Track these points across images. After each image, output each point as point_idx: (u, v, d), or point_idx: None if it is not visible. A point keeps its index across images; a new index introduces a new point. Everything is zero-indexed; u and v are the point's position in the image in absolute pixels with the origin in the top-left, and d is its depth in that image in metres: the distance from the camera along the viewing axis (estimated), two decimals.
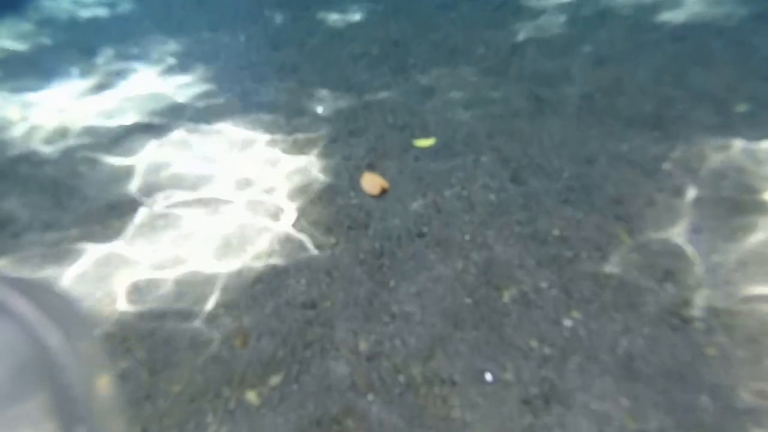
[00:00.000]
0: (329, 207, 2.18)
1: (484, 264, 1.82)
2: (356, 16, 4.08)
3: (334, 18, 4.09)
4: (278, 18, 4.18)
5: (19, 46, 3.95)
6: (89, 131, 2.86)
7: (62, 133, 2.86)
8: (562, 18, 3.58)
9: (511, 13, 3.80)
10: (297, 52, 3.59)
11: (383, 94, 3.00)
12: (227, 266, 1.94)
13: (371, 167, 2.41)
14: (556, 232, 1.92)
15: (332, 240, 2.00)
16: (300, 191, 2.29)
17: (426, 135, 2.61)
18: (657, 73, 2.81)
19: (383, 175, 2.35)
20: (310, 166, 2.46)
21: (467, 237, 1.94)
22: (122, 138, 2.77)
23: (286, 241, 2.02)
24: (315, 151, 2.55)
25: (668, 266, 1.75)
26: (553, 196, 2.09)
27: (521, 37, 3.43)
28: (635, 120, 2.48)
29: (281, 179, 2.37)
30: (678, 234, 1.86)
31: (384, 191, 2.24)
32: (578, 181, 2.14)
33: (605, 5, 3.67)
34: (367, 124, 2.73)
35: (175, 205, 2.29)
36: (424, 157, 2.45)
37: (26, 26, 4.29)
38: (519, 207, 2.06)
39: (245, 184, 2.37)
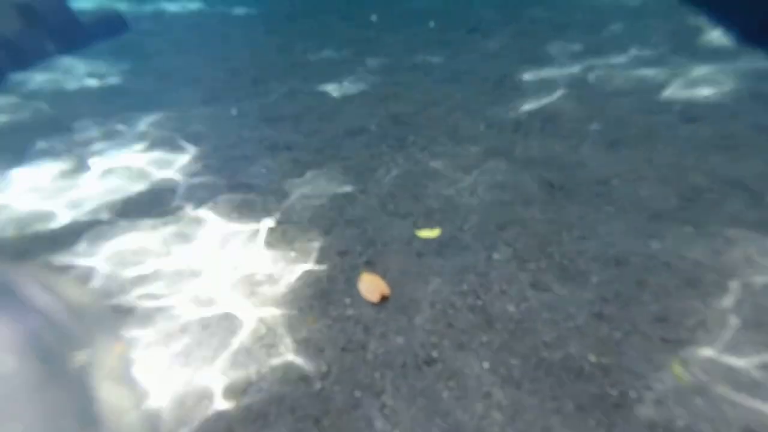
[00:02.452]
0: (321, 319, 1.78)
1: (510, 408, 1.41)
2: (354, 90, 3.84)
3: (331, 91, 3.85)
4: (274, 91, 3.93)
5: None
6: (51, 222, 2.49)
7: (20, 226, 2.48)
8: (564, 95, 3.34)
9: (511, 89, 3.57)
10: (292, 128, 3.30)
11: (383, 176, 2.67)
12: (186, 417, 1.51)
13: (370, 266, 2.04)
14: (592, 358, 1.52)
15: (323, 367, 1.59)
16: (288, 298, 1.90)
17: (430, 224, 2.26)
18: (676, 157, 2.51)
19: (383, 275, 1.97)
20: (301, 263, 2.08)
21: (486, 366, 1.54)
22: (83, 232, 2.40)
23: (269, 370, 1.61)
24: (306, 245, 2.18)
25: (743, 421, 1.35)
26: (583, 308, 1.71)
27: (524, 114, 3.17)
28: (662, 212, 2.15)
29: (267, 282, 1.99)
30: (745, 368, 1.47)
31: (385, 298, 1.85)
32: (610, 289, 1.77)
33: (607, 81, 3.45)
34: (365, 212, 2.38)
35: (135, 321, 1.89)
36: (429, 251, 2.09)
37: (9, 99, 4.01)
38: (545, 323, 1.67)
39: (226, 288, 1.98)
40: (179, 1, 7.32)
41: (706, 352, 1.52)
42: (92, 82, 4.38)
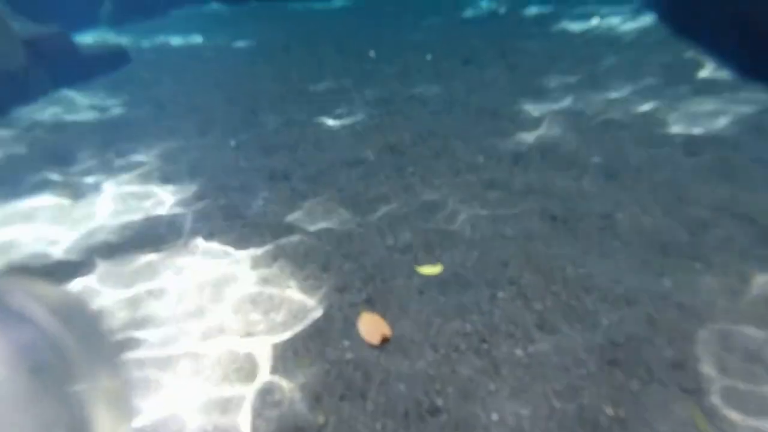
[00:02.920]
0: (318, 363, 1.67)
1: None
2: (351, 120, 3.80)
3: (329, 122, 3.81)
4: (271, 122, 3.89)
5: None
6: (37, 261, 2.39)
7: (9, 261, 2.38)
8: (562, 126, 3.30)
9: (508, 120, 3.54)
10: (289, 158, 3.24)
11: (381, 208, 2.59)
12: None
13: (369, 304, 1.94)
14: (609, 410, 1.41)
15: (320, 419, 1.47)
16: (284, 338, 1.78)
17: (431, 259, 2.17)
18: (680, 190, 2.45)
19: (384, 314, 1.87)
20: (296, 302, 1.97)
21: (495, 417, 1.42)
22: (77, 268, 2.29)
23: (263, 421, 1.48)
24: (303, 283, 2.08)
25: None
26: (594, 353, 1.61)
27: (522, 146, 3.12)
28: (669, 247, 2.07)
29: (260, 321, 1.87)
30: None
31: (386, 340, 1.75)
32: (621, 332, 1.67)
33: (605, 114, 3.42)
34: (364, 246, 2.29)
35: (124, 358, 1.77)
36: (430, 288, 1.99)
37: (9, 132, 3.94)
38: (555, 369, 1.56)
39: (217, 326, 1.86)
40: (180, 34, 7.39)
41: (734, 408, 1.42)
42: (92, 115, 4.34)
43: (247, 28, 7.53)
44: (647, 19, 5.69)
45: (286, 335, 1.79)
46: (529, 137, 3.24)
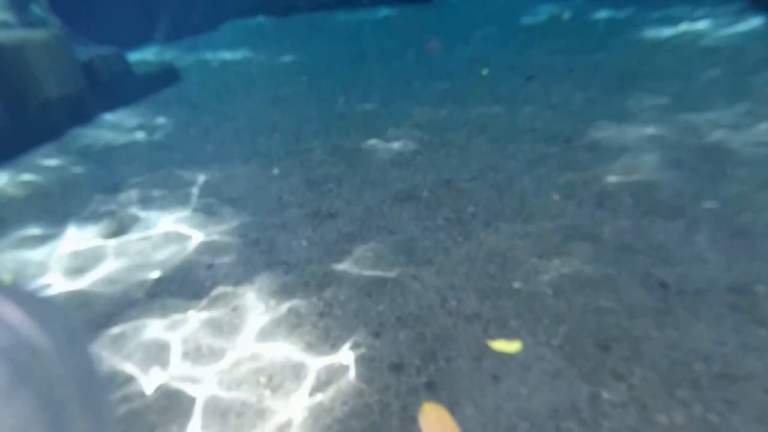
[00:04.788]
0: None
1: None
2: (400, 148, 3.43)
3: (376, 149, 3.46)
4: (316, 148, 3.58)
5: (44, 181, 3.44)
6: (84, 300, 2.13)
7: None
8: (657, 159, 2.79)
9: (585, 150, 3.06)
10: (335, 193, 2.90)
11: (438, 259, 2.19)
12: None
13: (431, 391, 1.53)
14: None
15: None
16: None
17: (506, 333, 1.74)
18: None
19: (451, 408, 1.46)
20: (346, 379, 1.59)
21: None
22: (113, 317, 2.01)
23: None
24: (353, 352, 1.70)
25: None
26: None
27: (608, 184, 2.64)
28: None
29: (305, 404, 1.50)
30: None
31: None
32: None
33: (713, 145, 2.87)
34: (422, 309, 1.89)
35: (154, 417, 1.44)
36: (507, 374, 1.56)
37: (59, 158, 3.82)
38: None
39: (253, 409, 1.51)
40: (227, 49, 7.31)
41: None
42: (140, 137, 4.19)
43: (293, 42, 7.35)
44: (755, 22, 4.96)
45: (333, 429, 1.41)
46: (614, 172, 2.74)
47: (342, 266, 2.21)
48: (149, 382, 1.66)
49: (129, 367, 1.73)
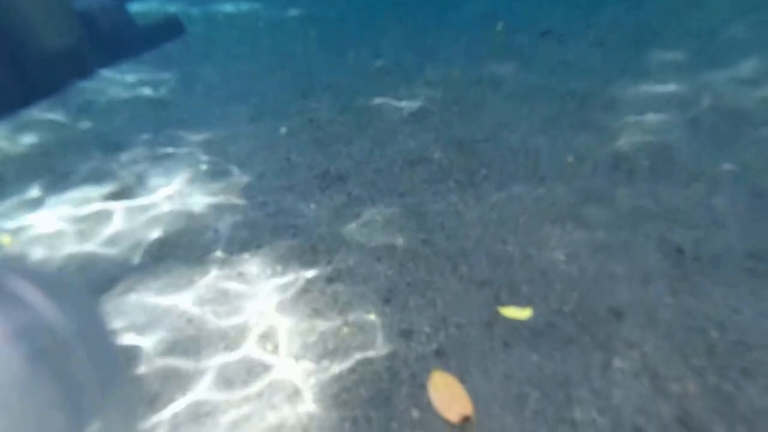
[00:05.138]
0: None
1: None
2: (412, 107, 3.31)
3: (386, 108, 3.34)
4: (325, 106, 3.47)
5: (43, 138, 3.37)
6: (86, 263, 2.13)
7: (56, 263, 2.14)
8: (675, 119, 2.67)
9: (602, 110, 2.93)
10: (344, 154, 2.82)
11: (450, 223, 2.14)
12: None
13: (441, 358, 1.52)
14: None
15: None
16: (339, 400, 1.41)
17: (517, 299, 1.71)
18: None
19: (460, 376, 1.46)
20: (355, 346, 1.59)
21: None
22: (115, 281, 2.01)
23: None
24: (362, 318, 1.69)
25: None
26: None
27: (624, 145, 2.53)
28: None
29: (312, 370, 1.51)
30: None
31: (466, 419, 1.34)
32: None
33: (734, 105, 2.73)
34: (432, 274, 1.87)
35: (153, 395, 1.46)
36: (518, 341, 1.55)
37: (58, 115, 3.74)
38: None
39: (259, 379, 1.52)
40: (233, 1, 7.01)
41: None
42: (144, 93, 4.08)
43: None
44: None
45: (342, 397, 1.42)
46: (631, 134, 2.63)
47: (352, 231, 2.17)
48: (152, 347, 1.67)
49: (131, 333, 1.74)
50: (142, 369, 1.58)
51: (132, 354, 1.64)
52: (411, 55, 4.29)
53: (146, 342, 1.68)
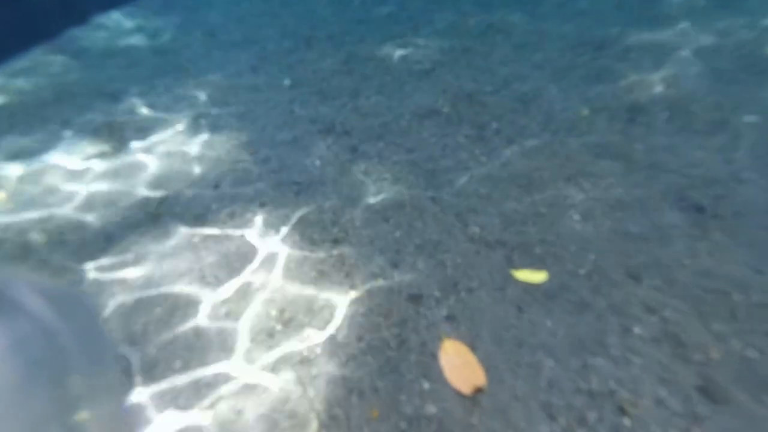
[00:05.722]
0: (389, 416, 1.20)
1: None
2: (419, 56, 3.03)
3: (393, 57, 3.06)
4: (329, 55, 3.18)
5: (37, 87, 3.12)
6: (82, 224, 1.98)
7: (46, 230, 1.99)
8: (694, 67, 2.40)
9: (618, 59, 2.65)
10: (350, 106, 2.59)
11: (460, 180, 1.96)
12: None
13: (452, 323, 1.41)
14: None
15: None
16: (346, 371, 1.31)
17: (530, 261, 1.57)
18: None
19: (472, 344, 1.34)
20: (363, 311, 1.47)
21: None
22: (111, 242, 1.86)
23: None
24: (369, 283, 1.56)
25: None
26: None
27: (640, 95, 2.29)
28: None
29: (318, 341, 1.40)
30: None
31: (479, 391, 1.24)
32: None
33: (757, 50, 2.44)
34: (441, 234, 1.72)
35: (147, 368, 1.37)
36: (532, 304, 1.42)
37: (55, 60, 3.46)
38: None
39: (260, 347, 1.41)
40: None
41: None
42: (141, 40, 3.77)
43: None
44: None
45: (349, 367, 1.32)
46: (647, 82, 2.38)
47: (358, 189, 2.00)
48: (144, 326, 1.56)
49: (128, 297, 1.62)
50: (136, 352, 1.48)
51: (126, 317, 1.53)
52: (418, 1, 3.91)
53: (137, 321, 1.57)
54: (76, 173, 2.27)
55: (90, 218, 1.98)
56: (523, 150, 2.08)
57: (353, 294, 1.51)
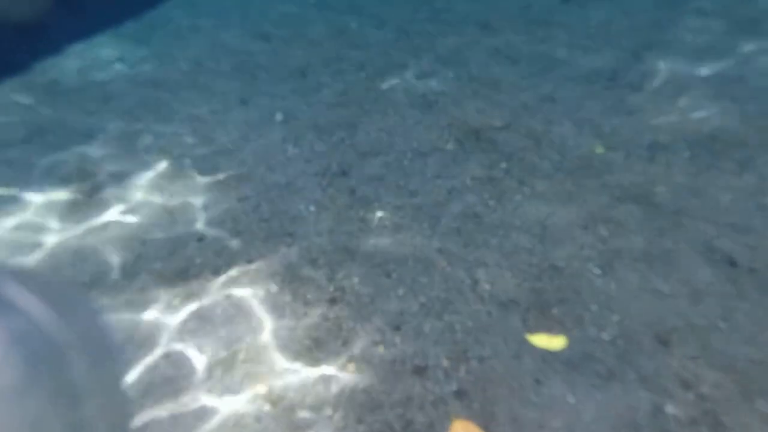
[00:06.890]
0: None
1: None
2: (422, 88, 3.05)
3: (393, 89, 3.08)
4: (325, 87, 3.21)
5: (3, 125, 3.14)
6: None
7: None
8: (716, 101, 2.41)
9: (633, 89, 2.67)
10: (347, 144, 2.59)
11: (468, 228, 1.95)
12: None
13: (463, 400, 1.36)
14: None
15: None
16: None
17: (548, 324, 1.54)
18: None
19: (485, 425, 1.29)
20: (357, 390, 1.42)
21: None
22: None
23: None
24: (369, 351, 1.52)
25: None
26: None
27: (660, 131, 2.30)
28: None
29: (306, 419, 1.35)
30: None
31: None
32: None
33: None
34: (449, 292, 1.68)
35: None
36: (551, 376, 1.38)
37: (21, 97, 3.49)
38: None
39: (243, 425, 1.36)
40: None
41: None
42: (120, 70, 3.81)
43: None
44: None
45: None
46: (667, 117, 2.39)
47: (357, 239, 1.98)
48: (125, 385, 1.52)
49: None
50: None
51: None
52: (419, 24, 3.98)
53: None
54: (41, 221, 2.25)
55: (54, 276, 1.95)
56: (535, 192, 2.07)
57: (351, 367, 1.47)
